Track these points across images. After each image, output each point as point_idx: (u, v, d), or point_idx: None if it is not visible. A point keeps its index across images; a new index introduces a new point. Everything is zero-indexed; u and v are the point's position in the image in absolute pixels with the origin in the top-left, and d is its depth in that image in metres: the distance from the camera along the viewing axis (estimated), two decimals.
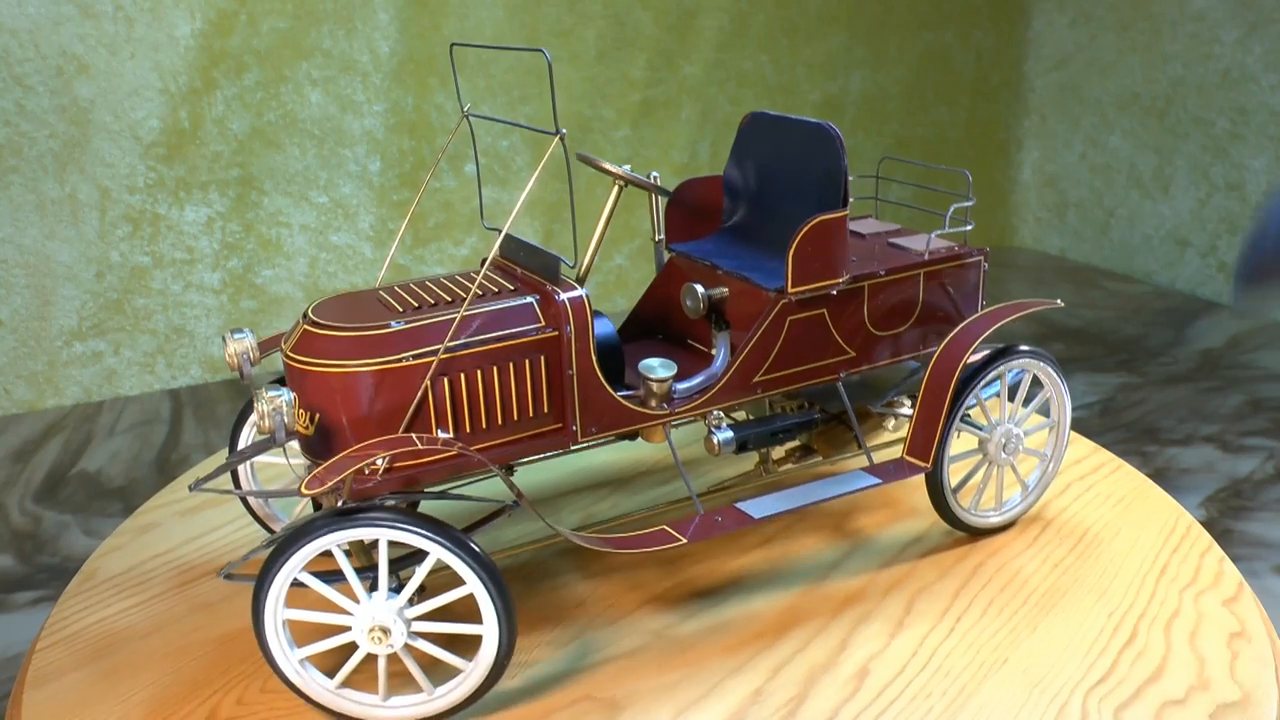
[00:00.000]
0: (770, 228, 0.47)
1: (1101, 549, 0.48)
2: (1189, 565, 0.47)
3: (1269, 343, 1.62)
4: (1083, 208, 2.07)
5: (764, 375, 0.43)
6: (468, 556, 0.34)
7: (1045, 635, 0.41)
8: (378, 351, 0.36)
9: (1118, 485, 0.54)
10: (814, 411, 0.47)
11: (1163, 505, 0.52)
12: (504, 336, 0.37)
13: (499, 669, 0.36)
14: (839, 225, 0.42)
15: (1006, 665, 0.40)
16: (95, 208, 1.36)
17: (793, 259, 0.42)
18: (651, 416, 0.41)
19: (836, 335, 0.45)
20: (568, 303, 0.38)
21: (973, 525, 0.48)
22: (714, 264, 0.45)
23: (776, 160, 0.47)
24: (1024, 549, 0.48)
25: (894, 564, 0.47)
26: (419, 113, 1.52)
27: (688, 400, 0.42)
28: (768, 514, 0.41)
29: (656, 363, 0.40)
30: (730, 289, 0.45)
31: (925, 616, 0.43)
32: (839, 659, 0.40)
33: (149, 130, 1.37)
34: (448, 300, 0.38)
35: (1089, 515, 0.51)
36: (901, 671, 0.39)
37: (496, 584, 0.35)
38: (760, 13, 1.72)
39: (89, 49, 1.31)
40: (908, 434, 0.46)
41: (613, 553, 0.38)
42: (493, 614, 0.35)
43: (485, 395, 0.37)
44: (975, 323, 0.46)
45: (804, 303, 0.43)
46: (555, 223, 1.62)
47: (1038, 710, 0.37)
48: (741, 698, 0.38)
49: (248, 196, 1.44)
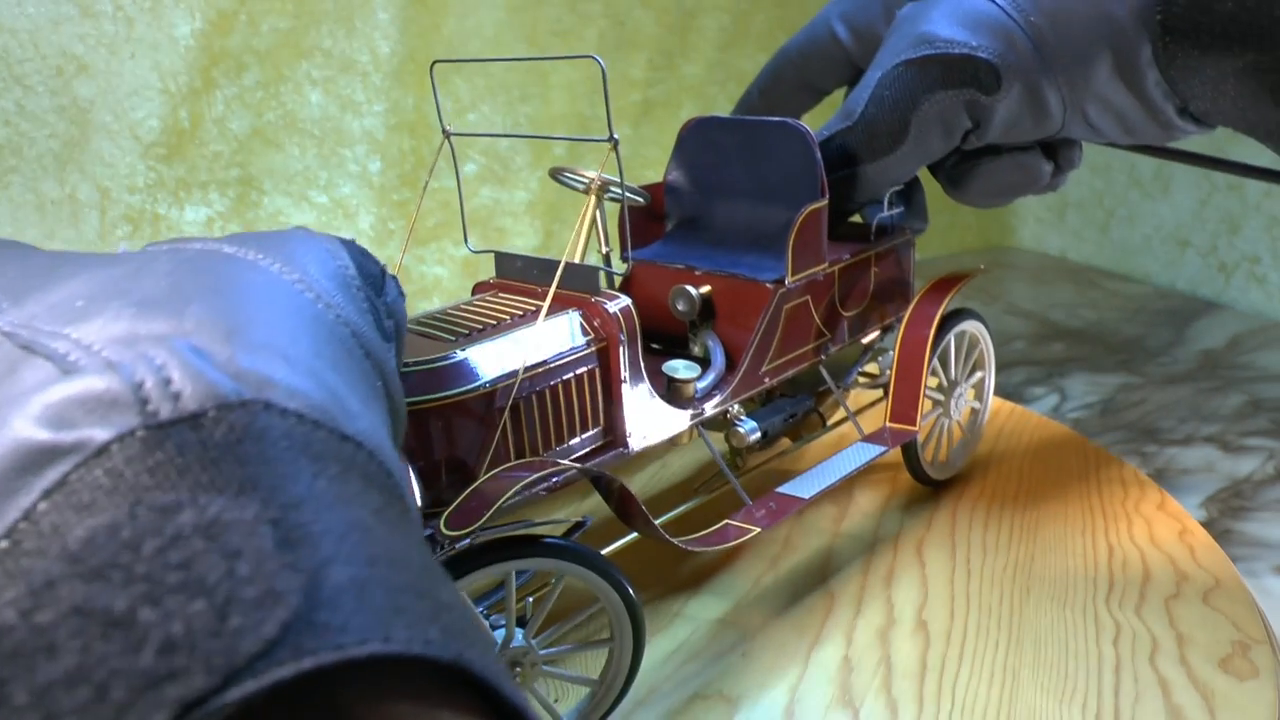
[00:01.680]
0: (727, 226, 0.48)
1: (1037, 481, 0.53)
2: (1111, 479, 0.53)
3: (1269, 343, 1.62)
4: (1083, 208, 2.07)
5: (769, 365, 0.45)
6: (613, 577, 0.34)
7: (1045, 563, 0.46)
8: (453, 382, 0.34)
9: (1018, 424, 0.60)
10: (807, 395, 0.49)
11: (1064, 435, 0.58)
12: (563, 353, 0.37)
13: (630, 682, 0.36)
14: (822, 215, 0.44)
15: (1031, 593, 0.44)
16: (95, 208, 1.37)
17: (792, 249, 0.43)
18: (690, 417, 0.41)
19: (817, 319, 0.46)
20: (619, 314, 0.38)
21: (935, 477, 0.52)
22: (689, 265, 0.46)
23: (728, 161, 0.48)
24: (980, 492, 0.53)
25: (882, 524, 0.50)
26: (419, 113, 1.52)
27: (708, 398, 0.42)
28: (814, 493, 0.43)
29: (680, 364, 0.41)
30: (717, 287, 0.45)
31: (940, 564, 0.46)
32: (895, 615, 0.42)
33: (149, 130, 1.37)
34: (492, 325, 0.37)
35: (1010, 456, 0.56)
36: (953, 615, 0.42)
37: (628, 597, 0.35)
38: (760, 13, 1.72)
39: (89, 49, 1.31)
40: (888, 404, 0.48)
41: (702, 551, 0.39)
42: (628, 626, 0.35)
43: (553, 415, 0.37)
44: (928, 296, 0.49)
45: (796, 291, 0.44)
46: (555, 223, 1.62)
47: (1078, 624, 0.41)
48: (836, 668, 0.39)
49: (248, 196, 1.44)
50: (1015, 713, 0.36)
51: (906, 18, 0.43)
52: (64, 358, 0.17)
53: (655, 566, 0.47)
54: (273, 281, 0.21)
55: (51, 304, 0.19)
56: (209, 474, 0.15)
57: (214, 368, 0.16)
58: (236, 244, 0.22)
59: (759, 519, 0.41)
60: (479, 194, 1.59)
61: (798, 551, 0.48)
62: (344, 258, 0.24)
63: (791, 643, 0.41)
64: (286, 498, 0.15)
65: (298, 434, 0.16)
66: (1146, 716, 0.36)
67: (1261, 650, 0.39)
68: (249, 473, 0.15)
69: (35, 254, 0.23)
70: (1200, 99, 0.38)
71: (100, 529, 0.14)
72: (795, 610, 0.43)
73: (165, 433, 0.15)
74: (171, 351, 0.16)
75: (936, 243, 1.96)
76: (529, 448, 0.37)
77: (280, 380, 0.17)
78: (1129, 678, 0.38)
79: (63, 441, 0.15)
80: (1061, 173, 0.47)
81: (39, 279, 0.20)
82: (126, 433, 0.15)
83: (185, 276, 0.20)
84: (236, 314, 0.18)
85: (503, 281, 0.42)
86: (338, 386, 0.19)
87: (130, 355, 0.16)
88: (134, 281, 0.19)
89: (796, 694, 0.38)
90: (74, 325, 0.18)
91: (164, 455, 0.15)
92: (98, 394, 0.15)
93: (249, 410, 0.16)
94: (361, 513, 0.16)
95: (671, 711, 0.37)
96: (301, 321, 0.20)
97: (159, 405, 0.15)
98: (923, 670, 0.39)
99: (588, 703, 0.36)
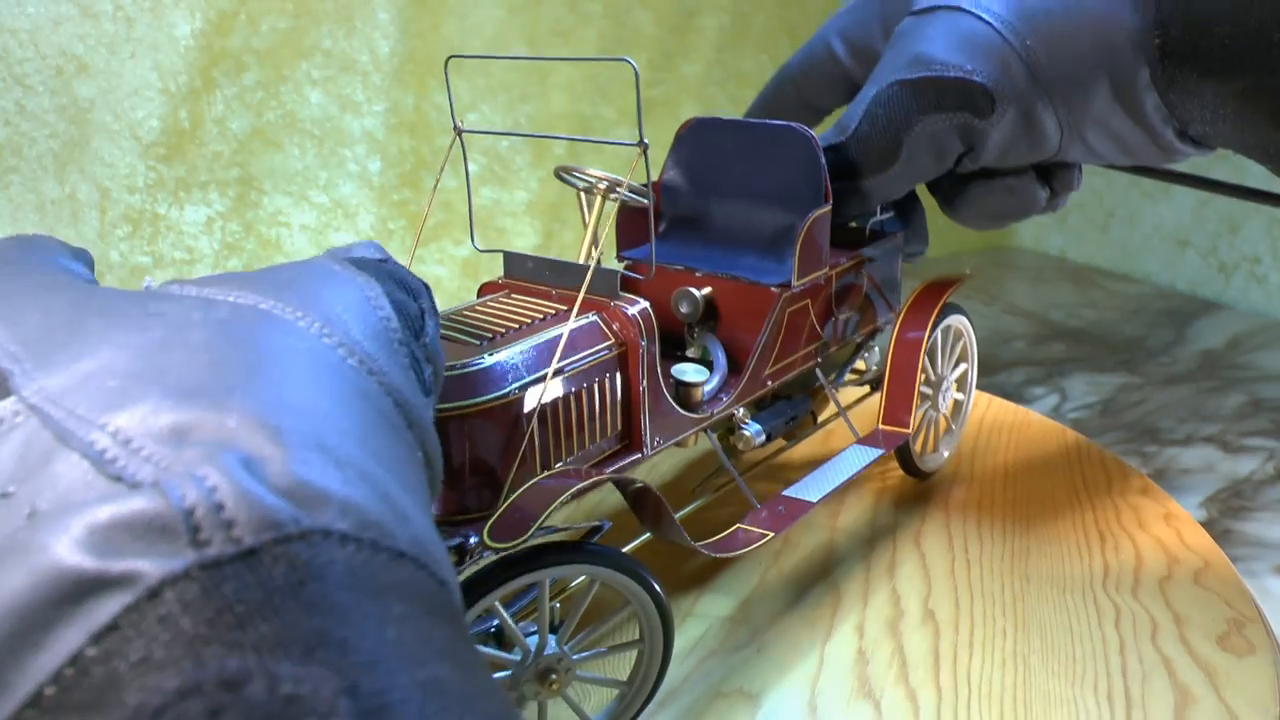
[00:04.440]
0: (724, 228, 0.48)
1: (1023, 472, 0.54)
2: (1094, 468, 0.54)
3: (1269, 343, 1.62)
4: (1083, 208, 2.07)
5: (772, 368, 0.45)
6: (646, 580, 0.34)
7: (1041, 551, 0.47)
8: (484, 388, 0.34)
9: (1000, 415, 0.61)
10: (805, 397, 0.49)
11: (1047, 427, 0.59)
12: (586, 357, 0.37)
13: (659, 682, 0.36)
14: (826, 219, 0.44)
15: (1031, 580, 0.44)
16: (95, 208, 1.37)
17: (799, 254, 0.43)
18: (701, 421, 0.41)
19: (815, 322, 0.47)
20: (639, 317, 0.38)
21: (926, 469, 0.52)
22: (689, 267, 0.46)
23: (728, 162, 0.48)
24: (969, 482, 0.53)
25: (878, 518, 0.50)
26: (419, 113, 1.52)
27: (715, 400, 0.42)
28: (821, 496, 0.43)
29: (689, 368, 0.41)
30: (719, 289, 0.45)
31: (940, 556, 0.46)
32: (902, 607, 0.43)
33: (149, 130, 1.37)
34: (512, 327, 0.37)
35: (993, 446, 0.57)
36: (958, 606, 0.43)
37: (659, 599, 0.35)
38: (760, 13, 1.72)
39: (89, 49, 1.31)
40: (881, 406, 0.49)
41: (719, 556, 0.39)
42: (659, 627, 0.35)
43: (576, 419, 0.37)
44: (920, 301, 0.50)
45: (799, 294, 0.45)
46: (555, 223, 1.62)
47: (1078, 609, 0.42)
48: (851, 662, 0.40)
49: (248, 196, 1.44)
50: (1031, 697, 0.37)
51: (903, 34, 0.43)
52: (101, 455, 0.16)
53: (658, 567, 0.47)
54: (315, 352, 0.20)
55: (82, 377, 0.18)
56: (272, 626, 0.14)
57: (266, 487, 0.16)
58: (271, 294, 0.21)
59: (770, 523, 0.41)
60: (479, 194, 1.59)
61: (798, 548, 0.48)
62: (384, 306, 0.23)
63: (804, 637, 0.41)
64: (360, 657, 0.15)
65: (359, 567, 0.16)
66: (1155, 695, 0.37)
67: (1255, 628, 0.40)
68: (316, 626, 0.15)
69: (55, 291, 0.21)
70: (1199, 122, 0.38)
71: (162, 695, 0.13)
72: (803, 605, 0.43)
73: (221, 573, 0.14)
74: (222, 470, 0.15)
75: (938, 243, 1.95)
76: (552, 454, 0.36)
77: (335, 493, 0.16)
78: (1134, 658, 0.39)
79: (108, 573, 0.14)
80: (1059, 195, 0.46)
81: (63, 334, 0.19)
82: (180, 573, 0.14)
83: (224, 352, 0.19)
84: (282, 402, 0.18)
85: (512, 282, 0.41)
86: (388, 484, 0.18)
87: (177, 470, 0.15)
88: (169, 356, 0.18)
89: (817, 688, 0.38)
90: (110, 413, 0.17)
91: (222, 601, 0.14)
92: (145, 519, 0.15)
93: (308, 543, 0.15)
94: (438, 669, 0.16)
95: (694, 710, 0.37)
96: (347, 400, 0.19)
97: (211, 535, 0.15)
98: (936, 660, 0.39)
99: (617, 705, 0.36)
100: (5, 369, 0.18)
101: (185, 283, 0.22)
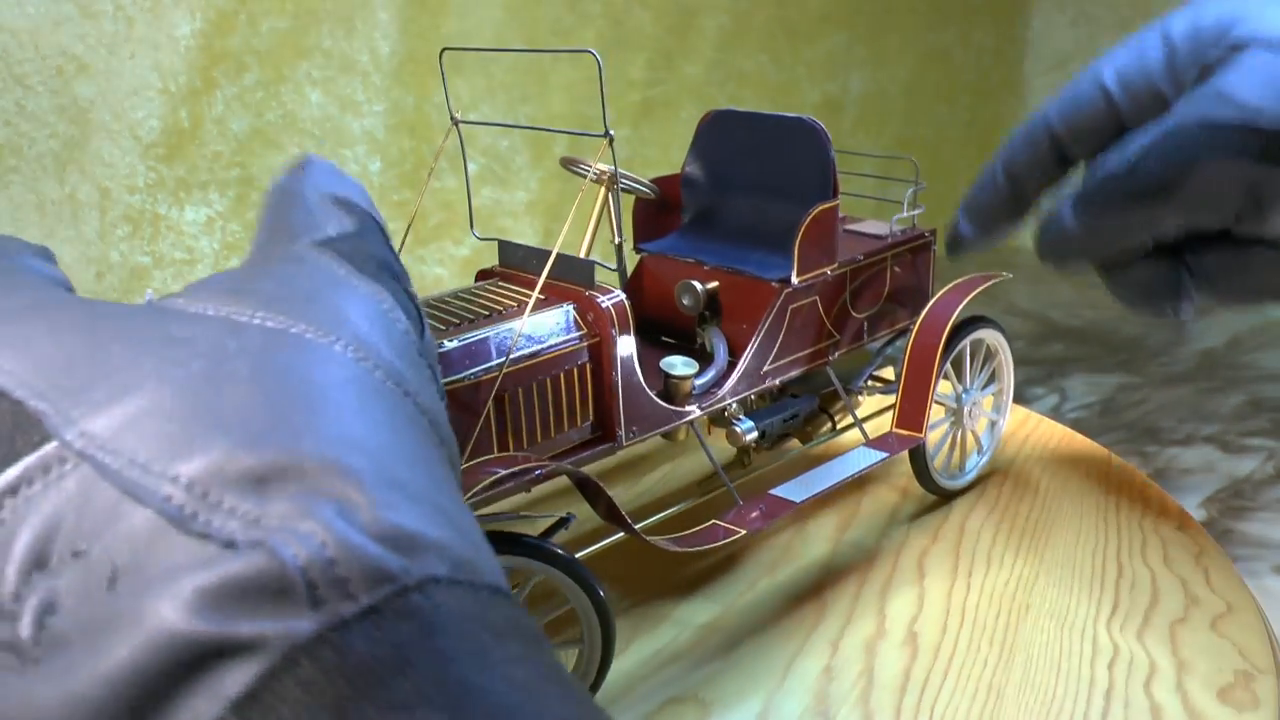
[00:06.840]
0: (739, 222, 0.48)
1: (1055, 496, 0.52)
2: (1132, 497, 0.51)
3: (1269, 343, 1.62)
4: None
5: (771, 364, 0.44)
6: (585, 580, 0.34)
7: (1049, 580, 0.45)
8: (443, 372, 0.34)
9: (1044, 437, 0.59)
10: (811, 396, 0.48)
11: (1088, 448, 0.57)
12: (554, 346, 0.37)
13: (598, 685, 0.36)
14: (833, 214, 0.44)
15: (1030, 610, 0.43)
16: (95, 208, 1.37)
17: (799, 249, 0.43)
18: (684, 414, 0.41)
19: (826, 320, 0.46)
20: (612, 308, 0.38)
21: (946, 488, 0.51)
22: (699, 260, 0.46)
23: (745, 156, 0.47)
24: (993, 505, 0.51)
25: (887, 534, 0.49)
26: (419, 113, 1.52)
27: (706, 395, 0.42)
28: (806, 497, 0.42)
29: (678, 360, 0.40)
30: (723, 283, 0.45)
31: (941, 577, 0.45)
32: (885, 627, 0.42)
33: (149, 130, 1.37)
34: (484, 315, 0.37)
35: (1030, 468, 0.55)
36: (945, 630, 0.42)
37: (599, 601, 0.35)
38: (760, 13, 1.72)
39: (89, 49, 1.31)
40: (895, 409, 0.48)
41: (686, 551, 0.39)
42: (597, 626, 0.35)
43: (540, 408, 0.37)
44: (943, 300, 0.48)
45: (802, 290, 0.44)
46: (555, 222, 1.62)
47: (1073, 646, 0.40)
48: (814, 678, 0.39)
49: (248, 196, 1.45)
50: None
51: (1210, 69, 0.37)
52: (180, 511, 0.15)
53: (651, 569, 0.46)
54: (359, 380, 0.19)
55: (130, 418, 0.16)
56: (413, 682, 0.14)
57: (365, 536, 0.15)
58: (297, 315, 0.20)
59: (748, 520, 0.40)
60: (479, 194, 1.59)
61: (797, 559, 0.47)
62: (401, 318, 0.22)
63: (776, 650, 0.41)
64: (501, 701, 0.14)
65: (469, 610, 0.16)
66: None
67: (1266, 681, 0.38)
68: (453, 684, 0.14)
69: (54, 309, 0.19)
70: None
71: None
72: (785, 618, 0.43)
73: (350, 634, 0.14)
74: (323, 524, 0.15)
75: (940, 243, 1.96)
76: (517, 440, 0.37)
77: (427, 535, 0.16)
78: (1119, 703, 0.37)
79: (232, 638, 0.14)
80: None
81: (86, 365, 0.17)
82: (312, 635, 0.14)
83: (274, 387, 0.17)
84: (348, 440, 0.17)
85: (504, 270, 0.42)
86: (455, 513, 0.18)
87: (276, 527, 0.15)
88: (219, 394, 0.17)
89: (772, 701, 0.38)
90: (176, 461, 0.15)
91: (359, 661, 0.14)
92: (260, 581, 0.14)
93: (424, 593, 0.15)
94: (566, 709, 0.16)
95: (645, 714, 0.37)
96: (398, 428, 0.19)
97: (327, 593, 0.14)
98: (904, 683, 0.38)
99: None
100: (37, 409, 0.16)
101: (189, 296, 0.20)
